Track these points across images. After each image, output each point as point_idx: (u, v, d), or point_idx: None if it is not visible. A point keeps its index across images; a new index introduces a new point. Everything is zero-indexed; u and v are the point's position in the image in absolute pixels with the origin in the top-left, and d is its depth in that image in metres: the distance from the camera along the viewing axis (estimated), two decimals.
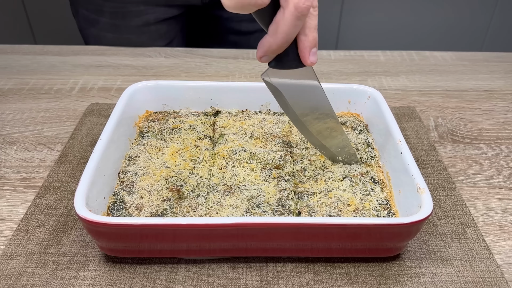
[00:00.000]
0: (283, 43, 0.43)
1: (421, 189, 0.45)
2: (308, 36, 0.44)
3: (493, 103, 0.76)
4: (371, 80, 0.82)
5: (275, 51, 0.44)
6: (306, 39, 0.44)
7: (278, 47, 0.44)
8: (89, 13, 0.92)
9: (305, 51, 0.45)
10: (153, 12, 0.91)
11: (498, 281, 0.46)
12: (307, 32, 0.44)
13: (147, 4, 0.90)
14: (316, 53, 0.46)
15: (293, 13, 0.41)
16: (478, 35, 1.75)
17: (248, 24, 1.02)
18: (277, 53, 0.45)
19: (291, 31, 0.42)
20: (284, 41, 0.43)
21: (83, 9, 0.93)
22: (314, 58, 0.45)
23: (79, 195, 0.44)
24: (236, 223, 0.42)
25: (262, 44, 0.44)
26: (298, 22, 0.42)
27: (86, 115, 0.70)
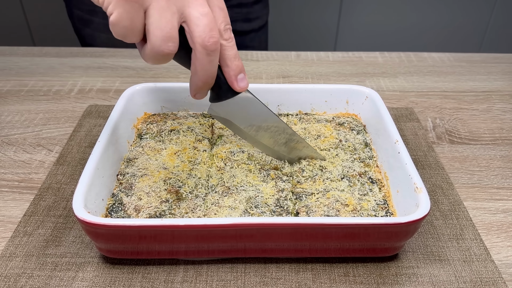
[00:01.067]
0: (206, 80, 0.44)
1: (418, 189, 0.45)
2: (230, 66, 0.46)
3: (491, 104, 0.77)
4: (369, 81, 0.82)
5: (202, 87, 0.45)
6: (229, 69, 0.46)
7: (204, 84, 0.45)
8: (83, 14, 0.93)
9: (232, 80, 0.47)
10: None
11: (496, 281, 0.46)
12: (228, 63, 0.46)
13: None
14: (244, 79, 0.47)
15: (202, 52, 0.42)
16: (476, 36, 1.76)
17: (242, 24, 1.03)
18: (206, 89, 0.46)
19: (208, 68, 0.43)
20: (206, 78, 0.44)
21: (77, 9, 0.93)
22: (242, 83, 0.47)
23: (77, 197, 0.44)
24: (234, 224, 0.42)
25: (190, 84, 0.45)
26: (211, 57, 0.43)
27: (85, 116, 0.70)
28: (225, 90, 0.48)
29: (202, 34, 0.41)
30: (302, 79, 0.83)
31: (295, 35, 1.72)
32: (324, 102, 0.64)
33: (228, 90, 0.48)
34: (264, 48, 1.12)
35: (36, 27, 1.70)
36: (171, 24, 0.40)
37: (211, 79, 0.45)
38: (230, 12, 1.17)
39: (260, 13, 1.05)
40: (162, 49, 0.41)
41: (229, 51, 0.45)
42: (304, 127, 0.61)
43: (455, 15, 1.69)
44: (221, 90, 0.48)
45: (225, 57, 0.45)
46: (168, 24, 0.40)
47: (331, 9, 1.66)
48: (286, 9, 1.66)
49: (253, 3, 1.02)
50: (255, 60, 0.89)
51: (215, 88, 0.48)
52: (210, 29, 0.41)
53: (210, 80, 0.45)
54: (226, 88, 0.47)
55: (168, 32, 0.40)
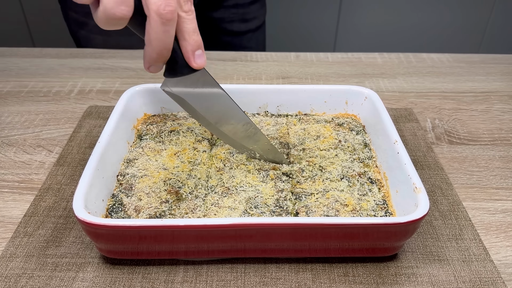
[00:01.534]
0: (160, 50, 0.43)
1: (417, 189, 0.45)
2: (188, 40, 0.44)
3: (490, 104, 0.77)
4: (368, 82, 0.83)
5: (157, 60, 0.44)
6: (187, 43, 0.44)
7: (158, 56, 0.43)
8: (78, 16, 0.93)
9: (188, 55, 0.45)
10: None
11: (495, 281, 0.46)
12: (186, 36, 0.44)
13: None
14: (202, 55, 0.45)
15: (157, 20, 0.41)
16: (475, 37, 1.76)
17: (240, 25, 1.03)
18: (161, 62, 0.44)
19: (163, 38, 0.42)
20: (161, 48, 0.42)
21: (72, 12, 0.93)
22: (200, 60, 0.45)
23: (78, 197, 0.44)
24: (234, 224, 0.42)
25: (144, 55, 0.44)
26: (167, 27, 0.41)
27: (85, 117, 0.70)
28: (181, 66, 0.46)
29: (157, 1, 0.40)
30: (301, 80, 0.83)
31: (294, 36, 1.72)
32: (323, 103, 0.64)
33: (184, 66, 0.46)
34: (262, 49, 1.13)
35: (36, 28, 1.70)
36: None
37: (166, 51, 0.43)
38: (226, 13, 1.17)
39: (257, 13, 1.05)
40: (114, 11, 0.39)
41: (187, 24, 0.43)
42: (303, 128, 0.61)
43: (454, 16, 1.70)
44: (177, 65, 0.46)
45: (183, 30, 0.43)
46: None
47: (330, 10, 1.67)
48: (286, 10, 1.66)
49: (250, 3, 1.02)
50: (254, 61, 0.89)
51: (170, 63, 0.46)
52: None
53: (165, 52, 0.43)
54: (182, 63, 0.45)
55: None
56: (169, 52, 0.44)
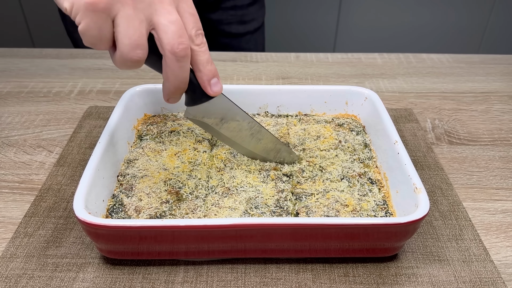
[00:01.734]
0: (178, 85, 0.45)
1: (417, 189, 0.45)
2: (203, 71, 0.46)
3: (490, 105, 0.77)
4: (368, 82, 0.83)
5: (176, 93, 0.46)
6: (202, 74, 0.46)
7: (176, 89, 0.45)
8: None
9: (205, 85, 0.47)
10: None
11: (495, 281, 0.46)
12: (200, 68, 0.46)
13: None
14: (217, 83, 0.48)
15: (171, 58, 0.42)
16: (475, 37, 1.76)
17: (238, 26, 1.03)
18: (180, 94, 0.46)
19: (178, 73, 0.44)
20: (178, 83, 0.45)
21: None
22: (216, 88, 0.48)
23: (78, 198, 0.44)
24: (234, 224, 0.42)
25: (163, 89, 0.46)
26: (181, 63, 0.43)
27: (85, 118, 0.70)
28: (199, 95, 0.48)
29: (171, 41, 0.42)
30: (301, 80, 0.83)
31: (294, 37, 1.72)
32: (323, 103, 0.64)
33: (203, 95, 0.48)
34: (261, 50, 1.12)
35: (36, 29, 1.70)
36: (139, 32, 0.41)
37: (183, 84, 0.45)
38: (224, 15, 1.17)
39: (256, 15, 1.05)
40: (130, 56, 0.42)
41: (201, 56, 0.46)
42: (303, 128, 0.61)
43: (454, 16, 1.70)
44: (195, 94, 0.48)
45: (198, 62, 0.46)
46: (136, 32, 0.41)
47: (330, 10, 1.67)
48: (285, 11, 1.67)
49: (248, 5, 1.02)
50: (254, 61, 0.89)
51: (189, 92, 0.48)
52: (179, 36, 0.42)
53: (182, 85, 0.45)
54: (200, 92, 0.48)
55: (136, 40, 0.41)
56: (186, 85, 0.45)
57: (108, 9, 0.40)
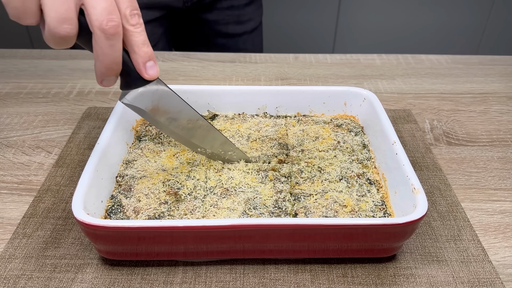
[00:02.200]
0: (109, 64, 0.43)
1: (416, 189, 0.46)
2: (138, 52, 0.44)
3: (488, 106, 0.77)
4: (367, 83, 0.83)
5: (107, 74, 0.44)
6: (137, 56, 0.45)
7: (108, 70, 0.44)
8: None
9: (140, 67, 0.45)
10: None
11: (493, 281, 0.46)
12: (135, 49, 0.44)
13: None
14: (154, 66, 0.46)
15: (100, 35, 0.41)
16: (474, 38, 1.77)
17: (235, 27, 1.02)
18: (113, 75, 0.45)
19: (110, 52, 0.42)
20: (109, 62, 0.43)
21: None
22: (152, 71, 0.46)
23: (77, 198, 0.44)
24: (233, 225, 0.42)
25: (95, 70, 0.44)
26: (111, 42, 0.42)
27: (84, 119, 0.70)
28: (134, 78, 0.46)
29: (99, 17, 0.40)
30: (300, 81, 0.84)
31: (293, 38, 1.72)
32: (322, 104, 0.64)
33: (138, 78, 0.46)
34: (259, 51, 1.11)
35: (35, 30, 1.70)
36: (66, 5, 0.40)
37: (116, 65, 0.43)
38: (221, 15, 1.17)
39: (253, 15, 1.05)
40: (57, 30, 0.40)
41: (136, 37, 0.44)
42: (302, 129, 0.61)
43: (453, 17, 1.70)
44: (130, 77, 0.46)
45: (132, 43, 0.44)
46: (63, 5, 0.39)
47: (329, 11, 1.67)
48: (284, 11, 1.67)
49: (245, 5, 1.01)
50: (253, 62, 0.90)
51: (124, 75, 0.46)
52: (109, 12, 0.41)
53: (114, 66, 0.43)
54: (135, 76, 0.46)
55: (63, 13, 0.40)
56: (118, 66, 0.44)
57: None
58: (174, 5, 0.94)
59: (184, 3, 0.94)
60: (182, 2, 0.94)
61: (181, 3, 0.94)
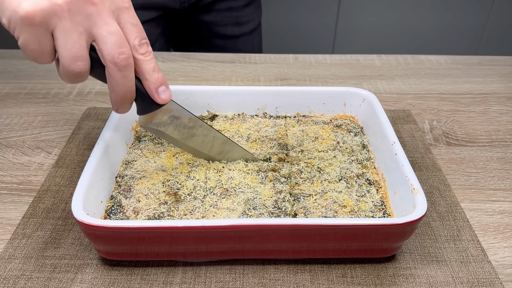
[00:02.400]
0: (123, 94, 0.45)
1: (415, 190, 0.46)
2: (149, 79, 0.46)
3: (487, 106, 0.77)
4: (366, 84, 0.83)
5: (122, 102, 0.46)
6: (149, 83, 0.46)
7: (123, 99, 0.46)
8: None
9: (153, 93, 0.47)
10: None
11: (493, 281, 0.46)
12: (147, 76, 0.46)
13: None
14: (166, 91, 0.48)
15: (113, 68, 0.43)
16: (474, 39, 1.77)
17: (233, 28, 1.02)
18: (128, 103, 0.47)
19: (123, 83, 0.44)
20: (124, 93, 0.45)
21: None
22: (164, 95, 0.47)
23: (76, 199, 0.44)
24: (232, 225, 0.42)
25: (110, 99, 0.47)
26: (124, 73, 0.44)
27: (84, 119, 0.70)
28: (148, 103, 0.48)
29: (110, 52, 0.43)
30: (300, 81, 0.84)
31: (292, 38, 1.73)
32: (321, 105, 0.64)
33: (152, 103, 0.48)
34: (258, 52, 1.11)
35: None
36: (78, 44, 0.42)
37: (130, 94, 0.46)
38: (219, 16, 1.17)
39: (251, 17, 1.05)
40: (72, 68, 0.42)
41: (146, 65, 0.46)
42: (302, 130, 0.61)
43: (452, 18, 1.70)
44: (145, 103, 0.48)
45: (144, 71, 0.46)
46: (75, 44, 0.42)
47: (329, 12, 1.67)
48: (284, 12, 1.67)
49: (243, 6, 1.01)
50: (253, 63, 0.90)
51: (138, 101, 0.48)
52: (119, 46, 0.43)
53: (129, 95, 0.46)
54: (149, 101, 0.48)
55: (76, 52, 0.42)
56: (132, 94, 0.46)
57: (45, 23, 0.41)
58: (171, 6, 0.94)
59: (181, 4, 0.94)
60: (179, 3, 0.94)
61: (178, 4, 0.94)
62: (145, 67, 0.46)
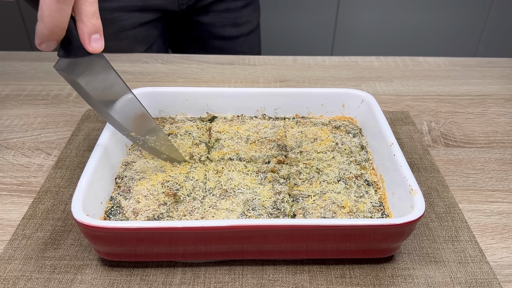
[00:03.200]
0: (52, 28, 0.41)
1: (413, 190, 0.46)
2: (86, 23, 0.43)
3: (486, 108, 0.77)
4: (365, 85, 0.83)
5: (49, 37, 0.42)
6: (84, 25, 0.43)
7: (50, 33, 0.42)
8: None
9: (84, 38, 0.44)
10: (128, 18, 0.91)
11: (491, 282, 0.47)
12: (83, 18, 0.43)
13: (121, 10, 0.90)
14: (99, 40, 0.44)
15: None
16: (472, 41, 1.77)
17: (231, 29, 1.02)
18: (54, 40, 0.43)
19: (56, 16, 0.41)
20: (53, 26, 0.41)
21: None
22: (96, 44, 0.44)
23: (76, 200, 0.44)
24: (231, 226, 0.42)
25: (36, 30, 0.42)
26: (61, 6, 0.40)
27: (83, 120, 0.70)
28: (76, 47, 0.44)
29: None
30: (299, 83, 0.84)
31: (291, 40, 1.73)
32: (320, 106, 0.64)
33: (80, 48, 0.44)
34: (256, 53, 1.11)
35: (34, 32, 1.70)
36: None
37: (59, 30, 0.42)
38: (217, 17, 1.17)
39: (250, 18, 1.05)
40: None
41: (87, 7, 0.43)
42: (300, 131, 0.61)
43: (451, 20, 1.71)
44: (71, 46, 0.44)
45: (82, 12, 0.43)
46: None
47: (328, 14, 1.68)
48: (283, 14, 1.67)
49: (241, 7, 1.01)
50: (252, 64, 0.90)
51: (65, 43, 0.44)
52: None
53: (58, 31, 0.42)
54: (77, 45, 0.44)
55: None
56: (62, 31, 0.42)
57: None
58: (169, 8, 0.94)
59: (179, 6, 0.95)
60: (177, 5, 0.95)
61: (176, 6, 0.94)
62: (85, 8, 0.42)
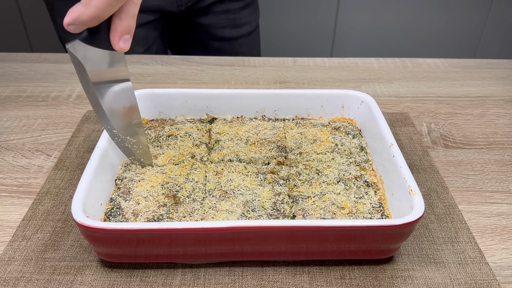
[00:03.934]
0: (94, 17, 0.41)
1: (412, 191, 0.46)
2: (123, 20, 0.43)
3: (485, 109, 0.77)
4: (365, 87, 0.83)
5: (84, 23, 0.41)
6: (120, 23, 0.43)
7: (89, 19, 0.41)
8: None
9: (116, 35, 0.43)
10: None
11: (490, 283, 0.47)
12: (122, 16, 0.43)
13: None
14: (128, 41, 0.44)
15: None
16: (472, 42, 1.78)
17: (231, 30, 1.02)
18: (87, 26, 0.42)
19: (104, 7, 0.40)
20: (96, 15, 0.41)
21: (60, 18, 0.93)
22: (124, 44, 0.44)
23: (76, 201, 0.44)
24: (231, 227, 0.42)
25: (73, 11, 0.41)
26: (114, 2, 0.40)
27: (83, 122, 0.70)
28: (102, 39, 0.43)
29: None
30: (298, 84, 0.84)
31: (291, 41, 1.73)
32: (320, 107, 0.65)
33: (105, 41, 0.44)
34: (256, 54, 1.11)
35: (34, 34, 1.71)
36: None
37: (98, 20, 0.41)
38: (217, 19, 1.17)
39: (249, 19, 1.05)
40: None
41: (131, 8, 0.43)
42: (300, 132, 0.61)
43: (451, 21, 1.71)
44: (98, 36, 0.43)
45: (123, 10, 0.42)
46: None
47: (327, 15, 1.68)
48: (282, 15, 1.67)
49: (240, 8, 1.02)
50: (252, 66, 0.90)
51: (93, 31, 0.43)
52: None
53: (96, 20, 0.41)
54: (105, 38, 0.43)
55: None
56: (99, 22, 0.42)
57: None
58: (168, 9, 0.94)
59: (178, 7, 0.95)
60: (176, 6, 0.95)
61: (175, 7, 0.95)
62: (128, 8, 0.42)
